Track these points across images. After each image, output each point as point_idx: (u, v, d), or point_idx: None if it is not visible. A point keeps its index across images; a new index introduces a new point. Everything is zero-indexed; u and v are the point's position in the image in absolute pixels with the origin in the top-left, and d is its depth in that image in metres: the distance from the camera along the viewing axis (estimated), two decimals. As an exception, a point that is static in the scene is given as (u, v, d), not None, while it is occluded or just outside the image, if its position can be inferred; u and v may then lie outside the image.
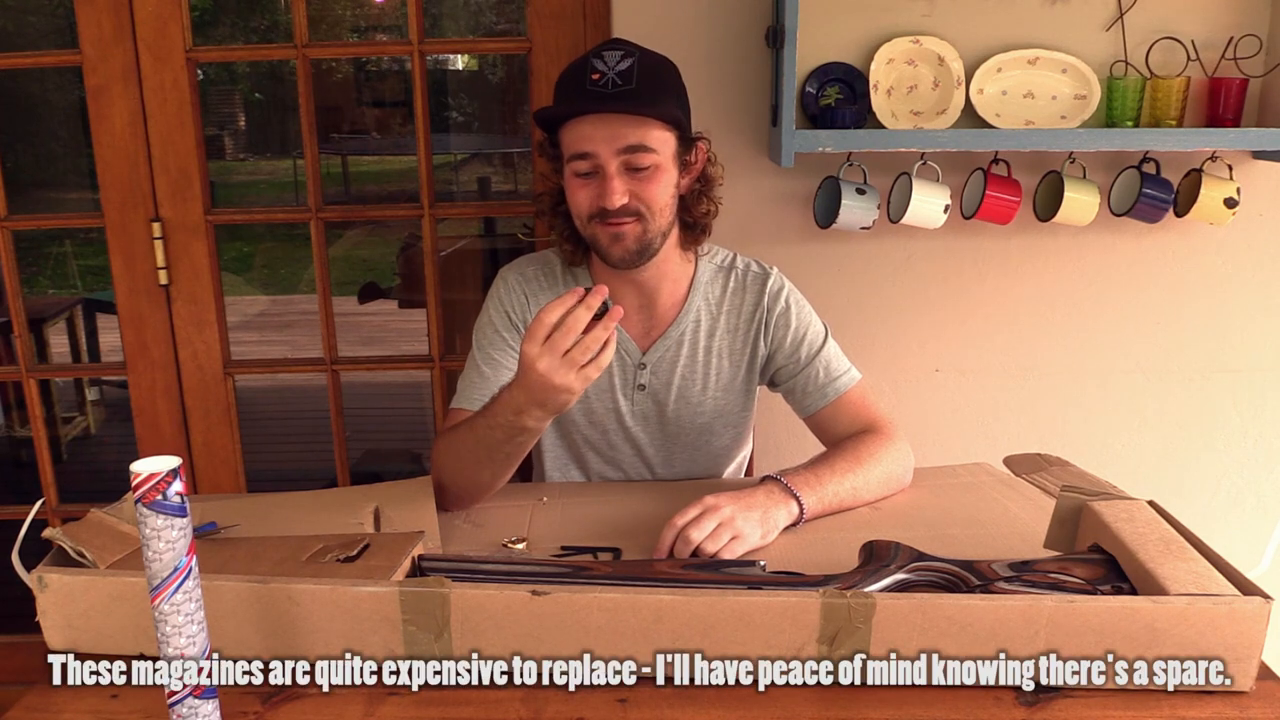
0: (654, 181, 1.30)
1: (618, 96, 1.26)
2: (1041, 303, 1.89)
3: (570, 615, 0.90)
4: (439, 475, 1.28)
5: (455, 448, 1.27)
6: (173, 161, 1.82)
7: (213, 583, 0.90)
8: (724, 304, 1.44)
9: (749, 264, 1.46)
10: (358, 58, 7.64)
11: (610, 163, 1.27)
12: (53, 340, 3.93)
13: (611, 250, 1.32)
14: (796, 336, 1.42)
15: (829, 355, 1.41)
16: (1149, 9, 1.70)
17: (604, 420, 1.45)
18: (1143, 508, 1.05)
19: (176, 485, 0.76)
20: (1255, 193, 1.80)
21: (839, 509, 1.24)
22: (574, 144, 1.29)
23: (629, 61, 1.27)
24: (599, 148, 1.27)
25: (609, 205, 1.28)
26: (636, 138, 1.27)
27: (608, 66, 1.27)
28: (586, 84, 1.27)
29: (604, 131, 1.27)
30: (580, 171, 1.30)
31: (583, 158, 1.29)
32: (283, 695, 0.90)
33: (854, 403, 1.39)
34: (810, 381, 1.41)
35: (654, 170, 1.29)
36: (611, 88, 1.26)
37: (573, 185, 1.32)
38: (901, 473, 1.33)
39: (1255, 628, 0.86)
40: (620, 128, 1.26)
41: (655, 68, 1.30)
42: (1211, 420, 1.95)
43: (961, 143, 1.66)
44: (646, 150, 1.28)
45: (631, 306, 1.42)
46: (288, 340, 5.35)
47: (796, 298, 1.44)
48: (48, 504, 2.01)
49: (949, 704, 0.87)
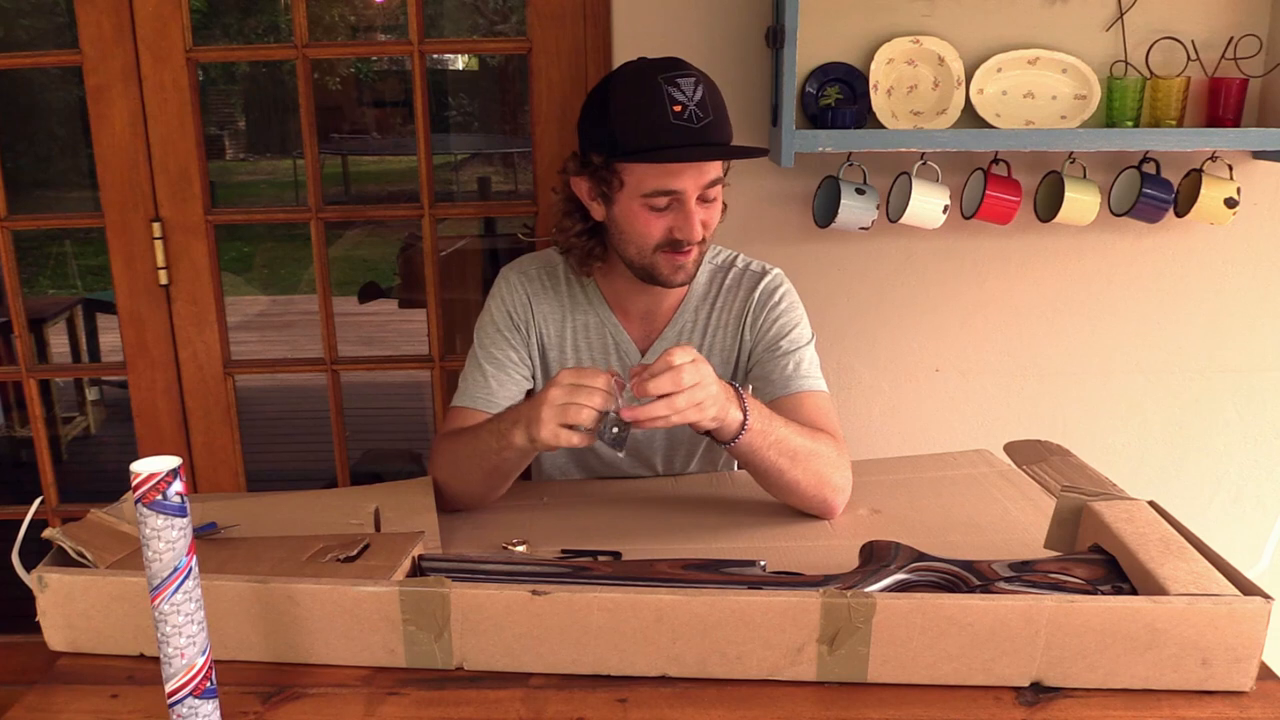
0: (717, 207, 1.31)
1: (703, 132, 1.23)
2: (1041, 303, 1.89)
3: (570, 615, 0.90)
4: (435, 475, 1.29)
5: (453, 449, 1.28)
6: (173, 161, 1.82)
7: (213, 583, 0.90)
8: (718, 302, 1.43)
9: (749, 264, 1.46)
10: (358, 58, 7.65)
11: (693, 198, 1.27)
12: (53, 340, 3.94)
13: (674, 277, 1.32)
14: (781, 330, 1.40)
15: (805, 357, 1.39)
16: (1149, 9, 1.70)
17: None
18: (1143, 508, 1.05)
19: (176, 485, 0.76)
20: (1255, 193, 1.80)
21: (766, 460, 1.19)
22: (658, 181, 1.25)
23: (701, 90, 1.24)
24: (687, 185, 1.25)
25: (693, 240, 1.28)
26: (716, 172, 1.27)
27: (687, 97, 1.23)
28: (670, 118, 1.23)
29: (692, 168, 1.25)
30: (657, 206, 1.27)
31: (666, 194, 1.26)
32: (283, 695, 0.90)
33: (813, 406, 1.34)
34: (777, 370, 1.37)
35: (719, 197, 1.30)
36: (696, 122, 1.23)
37: (643, 216, 1.28)
38: (837, 481, 1.24)
39: (1255, 628, 0.86)
40: (706, 165, 1.25)
41: (717, 90, 1.28)
42: (1211, 420, 1.95)
43: (961, 143, 1.66)
44: (722, 182, 1.28)
45: (636, 311, 1.43)
46: (288, 340, 5.35)
47: (792, 299, 1.43)
48: (48, 504, 2.01)
49: (949, 704, 0.87)
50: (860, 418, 1.91)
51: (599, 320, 1.43)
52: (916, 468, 1.40)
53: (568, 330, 1.43)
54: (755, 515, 1.26)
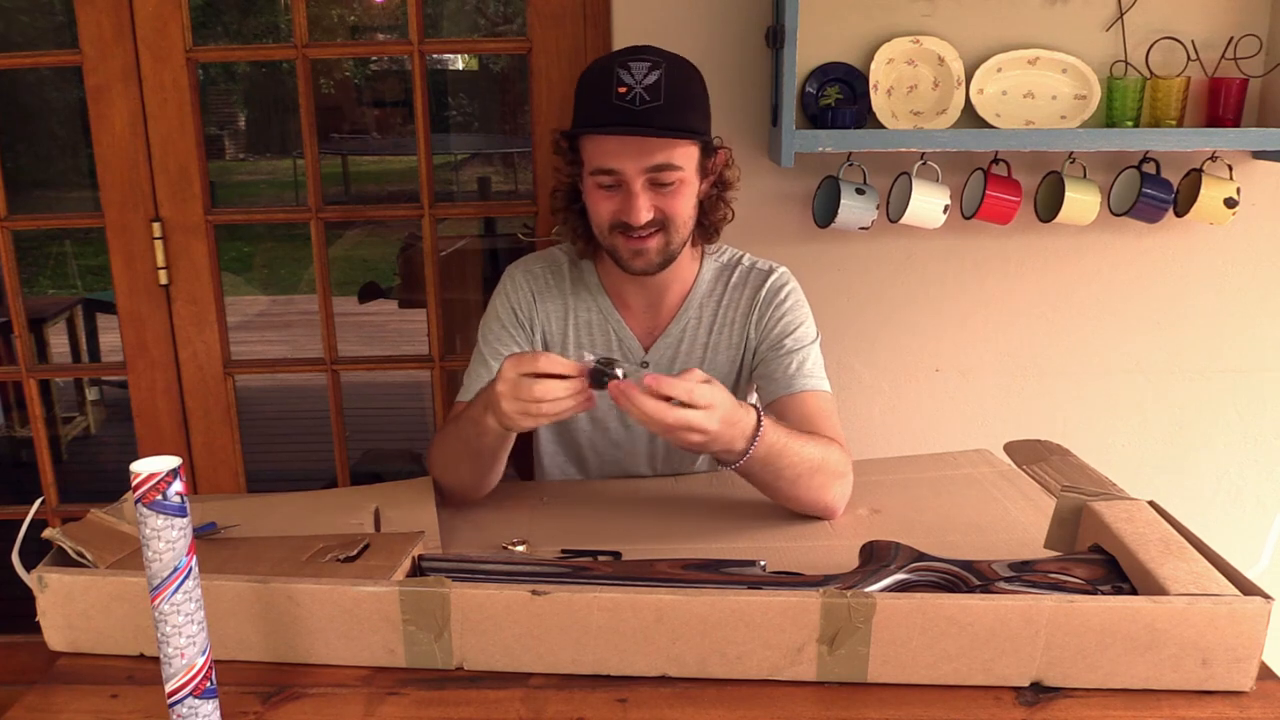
0: (678, 196, 1.29)
1: (646, 115, 1.22)
2: (1041, 303, 1.89)
3: (570, 615, 0.90)
4: (432, 469, 1.31)
5: (444, 441, 1.31)
6: (173, 161, 1.82)
7: (213, 583, 0.90)
8: (724, 299, 1.43)
9: (755, 262, 1.45)
10: (358, 58, 7.65)
11: (635, 180, 1.26)
12: (53, 340, 3.93)
13: (633, 263, 1.32)
14: (785, 328, 1.39)
15: (809, 356, 1.38)
16: (1149, 9, 1.70)
17: (606, 419, 1.45)
18: (1143, 508, 1.05)
19: (176, 485, 0.76)
20: (1255, 193, 1.80)
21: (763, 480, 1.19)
22: (597, 159, 1.27)
23: (656, 74, 1.23)
24: (624, 165, 1.25)
25: (633, 222, 1.27)
26: (663, 157, 1.25)
27: (635, 80, 1.23)
28: (613, 98, 1.23)
29: (630, 149, 1.24)
30: (603, 184, 1.28)
31: (607, 173, 1.27)
32: (283, 695, 0.90)
33: (815, 407, 1.34)
34: (780, 369, 1.37)
35: (678, 185, 1.28)
36: (639, 104, 1.22)
37: (594, 195, 1.30)
38: (837, 489, 1.24)
39: (1255, 628, 0.86)
40: (647, 146, 1.24)
41: (682, 80, 1.27)
42: (1211, 420, 1.95)
43: (961, 143, 1.66)
44: (672, 169, 1.27)
45: (638, 305, 1.43)
46: (288, 340, 5.35)
47: (797, 298, 1.43)
48: (48, 504, 2.01)
49: (949, 704, 0.87)
50: (860, 418, 1.91)
51: (601, 315, 1.43)
52: (916, 468, 1.40)
53: (570, 325, 1.43)
54: (755, 515, 1.26)
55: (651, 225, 1.29)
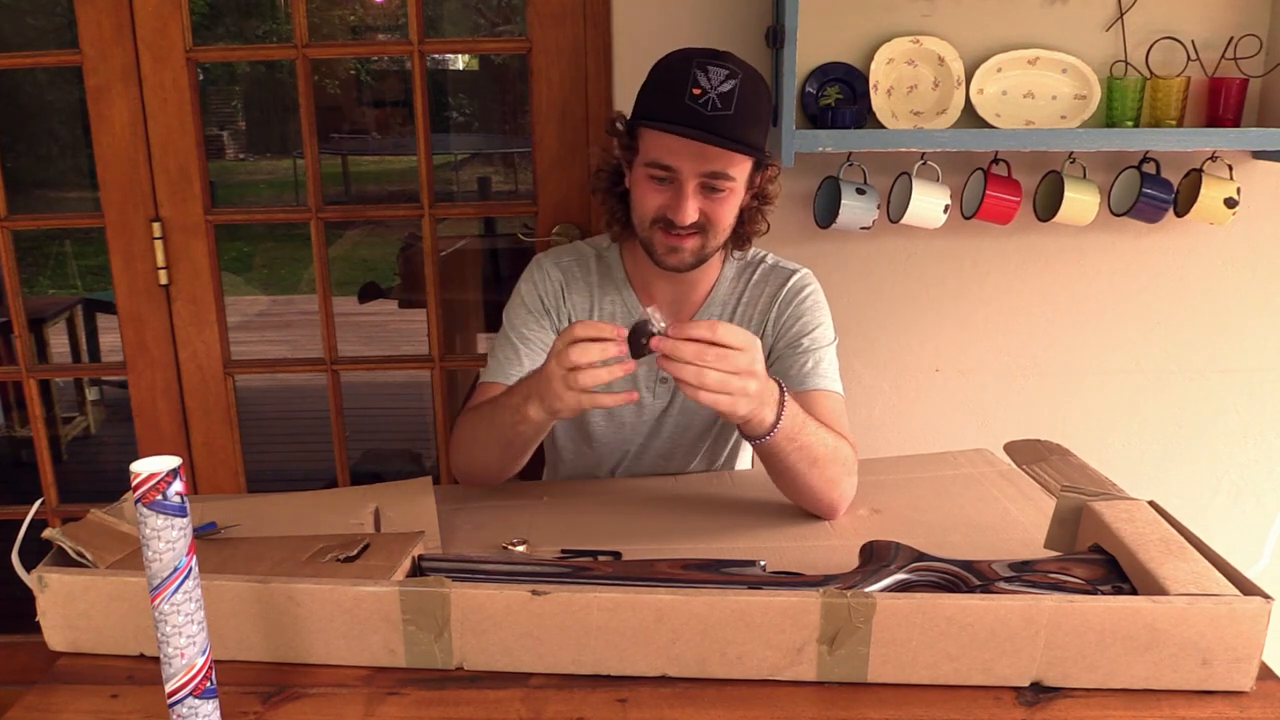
0: (725, 203, 1.30)
1: (714, 122, 1.23)
2: (1041, 303, 1.89)
3: (570, 615, 0.90)
4: (455, 449, 1.32)
5: (475, 422, 1.31)
6: (173, 161, 1.82)
7: (213, 583, 0.90)
8: (744, 296, 1.44)
9: (778, 262, 1.47)
10: (358, 58, 7.64)
11: (689, 181, 1.27)
12: (53, 340, 3.93)
13: (667, 259, 1.33)
14: (804, 328, 1.40)
15: (824, 357, 1.39)
16: (1149, 9, 1.70)
17: (622, 413, 1.45)
18: (1143, 508, 1.05)
19: (176, 485, 0.76)
20: (1255, 193, 1.80)
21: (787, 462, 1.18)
22: (656, 152, 1.27)
23: (731, 84, 1.24)
24: (682, 164, 1.26)
25: (680, 221, 1.28)
26: (721, 165, 1.26)
27: (710, 84, 1.24)
28: (685, 97, 1.23)
29: (691, 150, 1.25)
30: (655, 177, 1.29)
31: (663, 168, 1.27)
32: (283, 695, 0.90)
33: (826, 407, 1.34)
34: (795, 367, 1.38)
35: (728, 193, 1.29)
36: (710, 109, 1.23)
37: (643, 185, 1.31)
38: (846, 486, 1.24)
39: (1255, 628, 0.86)
40: (707, 152, 1.25)
41: (754, 94, 1.27)
42: (1211, 420, 1.95)
43: (961, 143, 1.66)
44: (727, 178, 1.28)
45: (663, 299, 1.43)
46: (288, 340, 5.35)
47: (817, 299, 1.44)
48: (48, 504, 2.01)
49: (949, 704, 0.87)
50: (860, 418, 1.91)
51: (625, 308, 1.44)
52: (917, 468, 1.40)
53: (595, 317, 1.44)
54: (755, 515, 1.26)
55: (693, 226, 1.30)
